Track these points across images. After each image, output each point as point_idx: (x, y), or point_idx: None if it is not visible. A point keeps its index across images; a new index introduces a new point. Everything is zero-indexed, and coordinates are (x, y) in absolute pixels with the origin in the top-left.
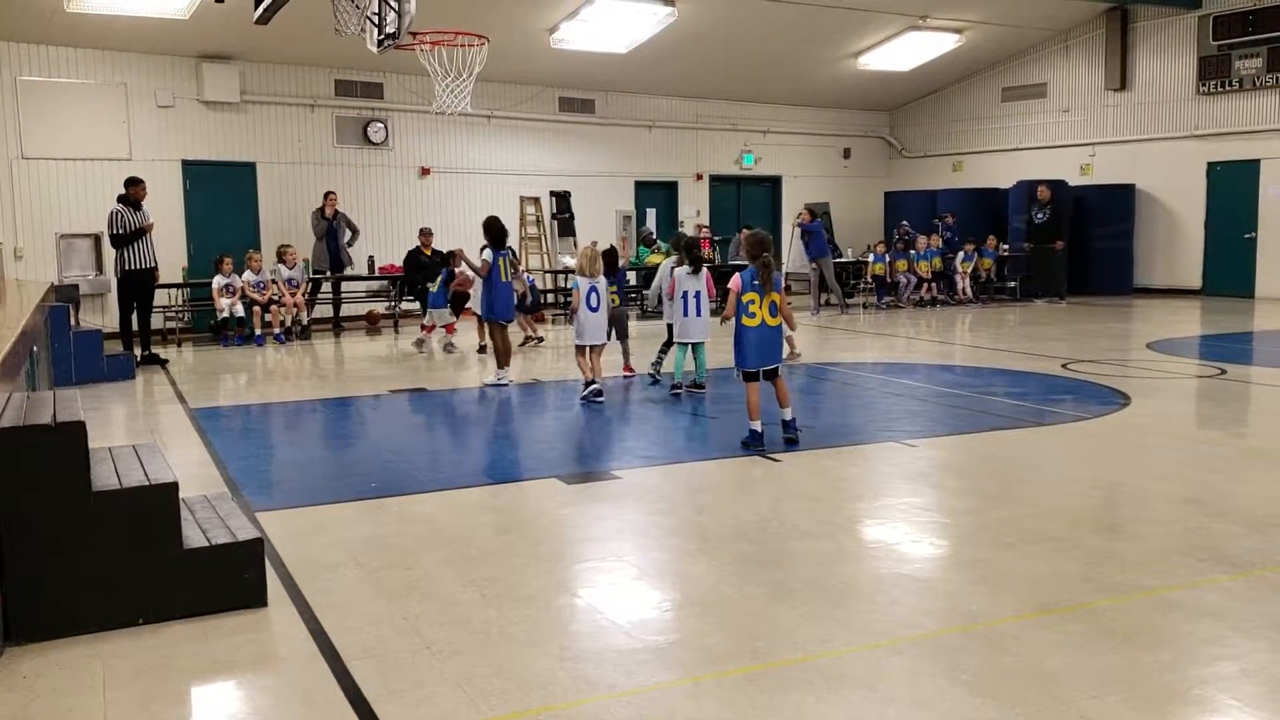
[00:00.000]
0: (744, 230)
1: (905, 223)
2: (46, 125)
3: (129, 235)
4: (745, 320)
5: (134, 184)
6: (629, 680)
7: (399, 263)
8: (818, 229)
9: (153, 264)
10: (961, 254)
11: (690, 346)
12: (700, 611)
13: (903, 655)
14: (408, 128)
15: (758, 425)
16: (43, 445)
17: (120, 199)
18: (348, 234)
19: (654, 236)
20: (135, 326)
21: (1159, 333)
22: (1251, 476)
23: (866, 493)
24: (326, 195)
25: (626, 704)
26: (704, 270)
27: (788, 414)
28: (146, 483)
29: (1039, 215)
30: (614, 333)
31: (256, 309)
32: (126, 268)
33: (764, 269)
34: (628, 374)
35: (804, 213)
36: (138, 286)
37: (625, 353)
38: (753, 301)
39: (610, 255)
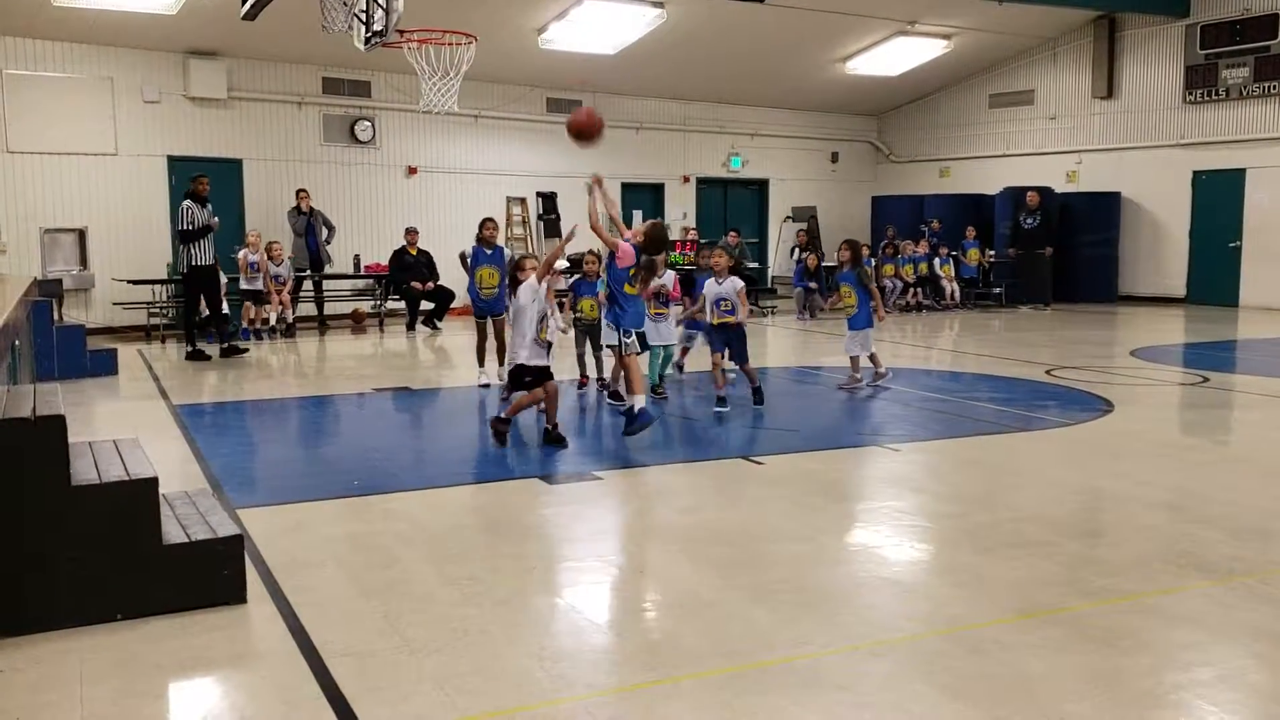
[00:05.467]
0: (732, 233)
1: (892, 228)
2: (31, 119)
3: (196, 231)
4: (628, 288)
5: (196, 180)
6: (607, 680)
7: (384, 261)
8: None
9: (214, 261)
10: (938, 259)
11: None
12: (680, 613)
13: (882, 658)
14: (395, 127)
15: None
16: (22, 439)
17: (188, 195)
18: (325, 231)
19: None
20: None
21: (1143, 340)
22: (1232, 484)
23: (849, 496)
24: (298, 192)
25: (604, 704)
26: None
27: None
28: (126, 478)
29: (1028, 221)
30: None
31: (247, 305)
32: (192, 263)
33: (650, 267)
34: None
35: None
36: (204, 282)
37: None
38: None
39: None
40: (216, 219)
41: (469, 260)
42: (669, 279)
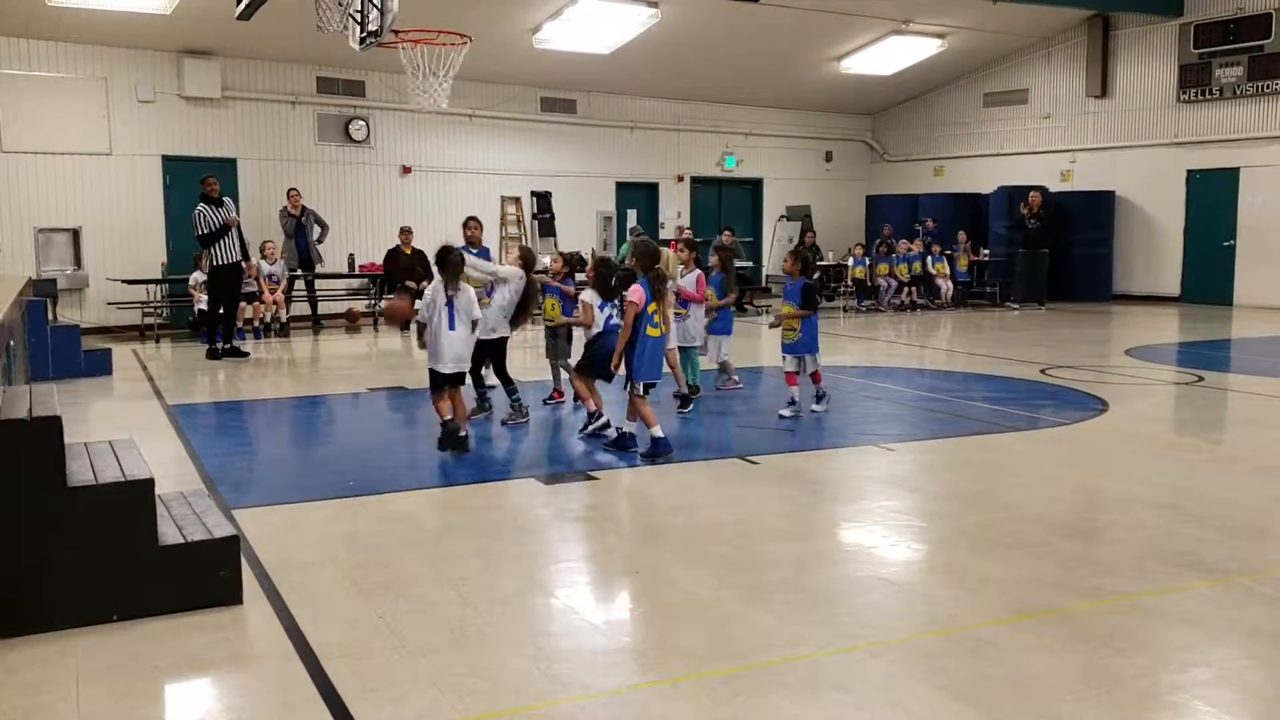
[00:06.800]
0: (726, 231)
1: (888, 226)
2: (26, 119)
3: (215, 233)
4: (650, 330)
5: (205, 181)
6: (604, 681)
7: (379, 261)
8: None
9: (239, 258)
10: (930, 257)
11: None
12: (677, 613)
13: (879, 658)
14: (389, 126)
15: (659, 431)
16: (18, 440)
17: (201, 198)
18: (317, 230)
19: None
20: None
21: (1138, 339)
22: (1228, 483)
23: (844, 496)
24: (289, 192)
25: (602, 705)
26: (695, 273)
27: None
28: (122, 479)
29: (1032, 222)
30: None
31: (241, 305)
32: (215, 263)
33: (658, 279)
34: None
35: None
36: (227, 281)
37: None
38: (657, 311)
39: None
40: (235, 215)
41: None
42: (691, 279)
